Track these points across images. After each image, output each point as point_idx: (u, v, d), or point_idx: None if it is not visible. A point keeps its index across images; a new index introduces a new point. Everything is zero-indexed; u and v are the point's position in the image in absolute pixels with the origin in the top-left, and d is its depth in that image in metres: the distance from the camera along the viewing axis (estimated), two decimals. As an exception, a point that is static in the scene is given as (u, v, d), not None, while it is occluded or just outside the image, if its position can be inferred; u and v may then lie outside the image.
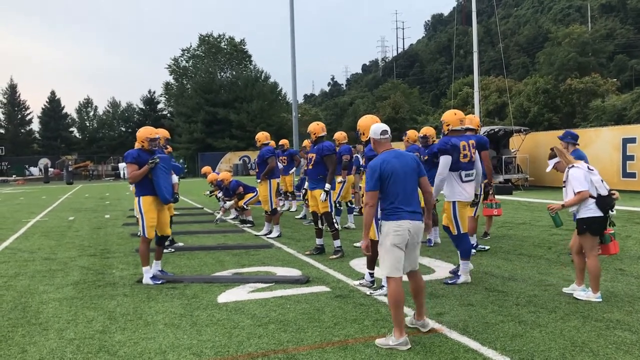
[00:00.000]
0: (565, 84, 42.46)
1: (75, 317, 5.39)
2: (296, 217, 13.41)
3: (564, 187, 5.51)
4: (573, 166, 5.44)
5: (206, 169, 14.84)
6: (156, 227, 6.90)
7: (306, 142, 13.34)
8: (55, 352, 4.43)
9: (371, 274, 6.24)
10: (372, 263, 6.23)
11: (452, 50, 64.59)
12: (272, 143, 14.99)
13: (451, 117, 6.49)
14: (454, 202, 6.37)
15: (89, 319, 5.31)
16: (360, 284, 6.27)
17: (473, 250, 7.98)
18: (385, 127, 4.74)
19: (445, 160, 6.26)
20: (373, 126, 4.75)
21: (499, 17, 73.84)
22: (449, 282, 6.24)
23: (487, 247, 8.19)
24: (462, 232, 6.37)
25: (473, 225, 7.93)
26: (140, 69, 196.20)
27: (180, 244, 9.74)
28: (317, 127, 8.41)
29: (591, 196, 5.28)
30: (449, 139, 6.34)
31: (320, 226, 8.44)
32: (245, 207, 12.44)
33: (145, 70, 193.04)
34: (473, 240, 8.18)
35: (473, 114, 26.33)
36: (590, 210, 5.28)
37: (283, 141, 15.01)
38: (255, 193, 12.21)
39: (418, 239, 4.53)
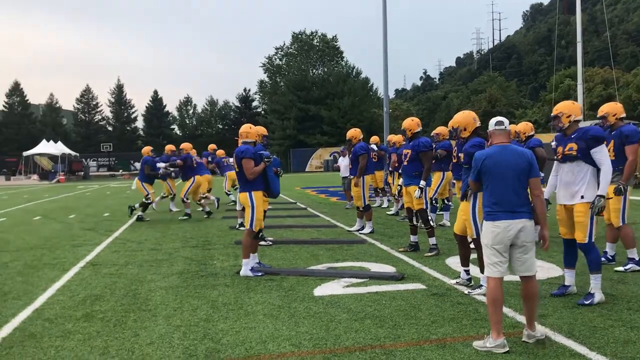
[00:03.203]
0: (680, 73, 39.29)
1: (181, 305, 5.68)
2: (387, 212, 13.35)
3: None
4: None
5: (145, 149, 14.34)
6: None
7: (390, 137, 13.12)
8: (164, 338, 4.70)
9: (467, 271, 6.11)
10: (466, 260, 6.11)
11: (553, 40, 61.52)
12: (375, 139, 14.96)
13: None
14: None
15: (193, 307, 5.58)
16: (457, 282, 6.15)
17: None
18: (501, 118, 4.63)
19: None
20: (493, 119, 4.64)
21: (605, 3, 69.41)
22: (585, 302, 5.20)
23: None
24: (593, 239, 5.35)
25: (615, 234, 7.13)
26: (236, 68, 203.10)
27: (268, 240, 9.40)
28: (412, 123, 8.31)
29: None
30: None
31: (414, 223, 8.35)
32: (185, 200, 13.57)
33: (241, 69, 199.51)
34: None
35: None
36: None
37: (374, 138, 14.93)
38: (192, 182, 13.52)
39: (525, 239, 4.22)
